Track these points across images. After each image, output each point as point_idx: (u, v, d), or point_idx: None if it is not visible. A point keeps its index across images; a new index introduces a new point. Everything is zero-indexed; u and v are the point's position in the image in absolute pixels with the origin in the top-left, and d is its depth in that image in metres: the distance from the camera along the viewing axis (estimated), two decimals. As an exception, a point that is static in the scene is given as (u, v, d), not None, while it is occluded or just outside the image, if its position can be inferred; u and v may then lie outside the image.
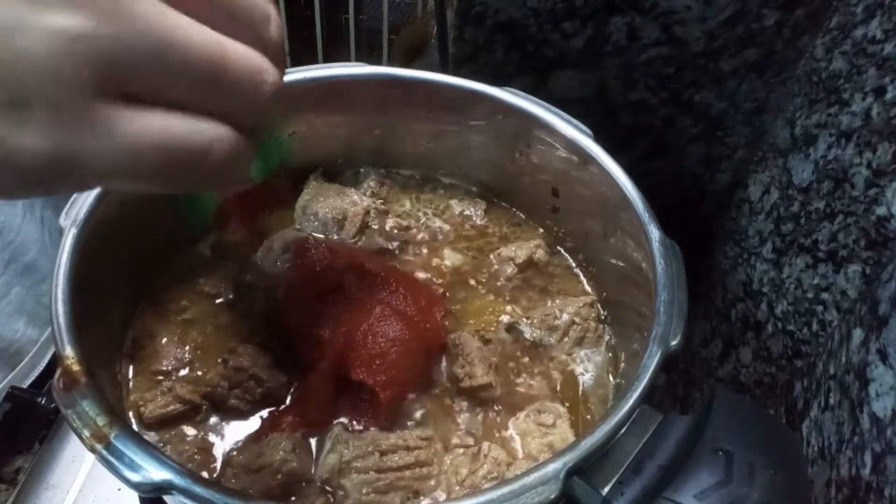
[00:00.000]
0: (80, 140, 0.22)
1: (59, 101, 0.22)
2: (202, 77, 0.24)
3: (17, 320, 0.74)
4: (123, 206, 0.47)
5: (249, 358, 0.46)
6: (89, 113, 0.22)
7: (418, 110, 0.59)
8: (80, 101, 0.22)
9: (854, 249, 0.52)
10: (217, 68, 0.24)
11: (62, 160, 0.22)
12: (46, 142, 0.22)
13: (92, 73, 0.22)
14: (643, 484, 0.36)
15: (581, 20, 0.63)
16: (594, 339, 0.52)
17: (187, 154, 0.25)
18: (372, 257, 0.53)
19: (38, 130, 0.22)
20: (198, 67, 0.24)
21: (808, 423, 0.51)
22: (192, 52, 0.23)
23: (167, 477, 0.34)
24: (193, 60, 0.23)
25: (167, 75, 0.23)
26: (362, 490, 0.41)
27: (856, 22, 0.56)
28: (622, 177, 0.50)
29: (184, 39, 0.23)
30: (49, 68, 0.21)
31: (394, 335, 0.46)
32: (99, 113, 0.22)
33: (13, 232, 0.73)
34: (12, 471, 0.63)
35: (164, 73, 0.23)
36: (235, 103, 0.25)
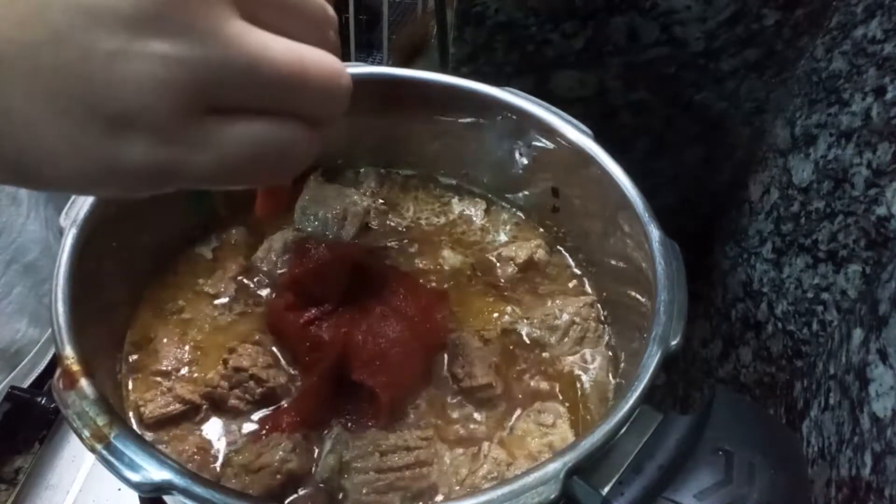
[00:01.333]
0: (177, 153, 0.24)
1: (159, 120, 0.23)
2: (286, 87, 0.26)
3: (19, 320, 0.74)
4: (123, 206, 0.47)
5: (249, 358, 0.46)
6: (186, 129, 0.24)
7: (418, 110, 0.59)
8: (177, 119, 0.24)
9: (854, 249, 0.52)
10: (299, 78, 0.26)
11: (161, 172, 0.24)
12: (147, 156, 0.24)
13: (189, 95, 0.23)
14: (643, 484, 0.36)
15: (581, 20, 0.63)
16: (594, 339, 0.52)
17: (270, 155, 0.27)
18: (372, 257, 0.53)
19: (139, 146, 0.23)
20: (282, 80, 0.25)
21: (808, 423, 0.51)
22: (276, 67, 0.25)
23: (167, 477, 0.34)
24: (278, 74, 0.25)
25: (255, 90, 0.25)
26: (362, 490, 0.41)
27: (856, 22, 0.56)
28: (622, 177, 0.50)
29: (270, 56, 0.25)
30: (150, 91, 0.23)
31: (394, 336, 0.46)
32: (194, 128, 0.24)
33: (15, 232, 0.73)
34: (12, 471, 0.63)
35: (252, 88, 0.25)
36: (315, 105, 0.27)
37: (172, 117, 0.23)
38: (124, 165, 0.24)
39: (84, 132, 0.23)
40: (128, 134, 0.23)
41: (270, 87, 0.25)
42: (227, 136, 0.25)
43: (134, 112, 0.23)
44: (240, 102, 0.25)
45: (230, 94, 0.25)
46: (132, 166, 0.24)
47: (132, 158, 0.24)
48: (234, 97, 0.25)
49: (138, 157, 0.24)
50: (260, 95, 0.25)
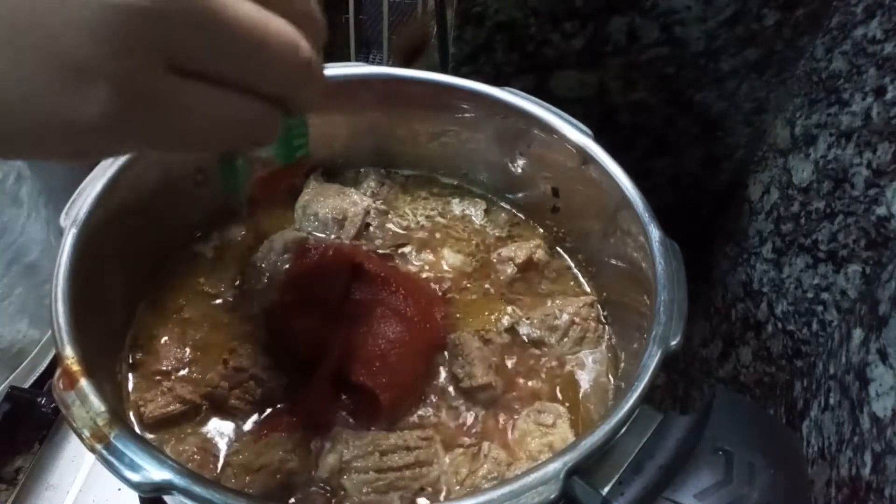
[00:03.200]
0: (138, 108, 0.23)
1: (117, 70, 0.22)
2: (246, 49, 0.25)
3: (20, 321, 0.74)
4: (123, 205, 0.47)
5: (249, 358, 0.46)
6: (146, 83, 0.23)
7: (418, 110, 0.59)
8: (137, 69, 0.23)
9: (854, 249, 0.52)
10: (260, 41, 0.25)
11: (120, 127, 0.23)
12: (106, 108, 0.23)
13: (147, 44, 0.23)
14: (643, 484, 0.36)
15: (581, 20, 0.63)
16: (594, 339, 0.52)
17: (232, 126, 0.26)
18: (372, 257, 0.53)
19: (98, 97, 0.22)
20: (243, 39, 0.25)
21: (808, 423, 0.51)
22: (238, 24, 0.24)
23: (167, 477, 0.34)
24: (239, 32, 0.25)
25: (215, 46, 0.24)
26: (362, 490, 0.41)
27: (856, 22, 0.56)
28: (622, 177, 0.50)
29: (231, 12, 0.24)
30: (106, 39, 0.22)
31: (394, 336, 0.46)
32: (155, 83, 0.23)
33: (16, 232, 0.73)
34: (12, 471, 0.63)
35: (212, 43, 0.24)
36: (275, 79, 0.27)
37: (131, 67, 0.23)
38: (84, 118, 0.23)
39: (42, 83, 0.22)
40: (87, 84, 0.22)
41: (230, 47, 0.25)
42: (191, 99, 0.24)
43: (92, 61, 0.22)
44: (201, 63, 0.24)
45: (190, 50, 0.24)
46: (92, 119, 0.23)
47: (91, 110, 0.23)
48: (195, 54, 0.24)
49: (98, 109, 0.23)
50: (221, 56, 0.25)
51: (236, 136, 0.27)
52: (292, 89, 0.28)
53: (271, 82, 0.27)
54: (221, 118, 0.26)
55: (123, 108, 0.23)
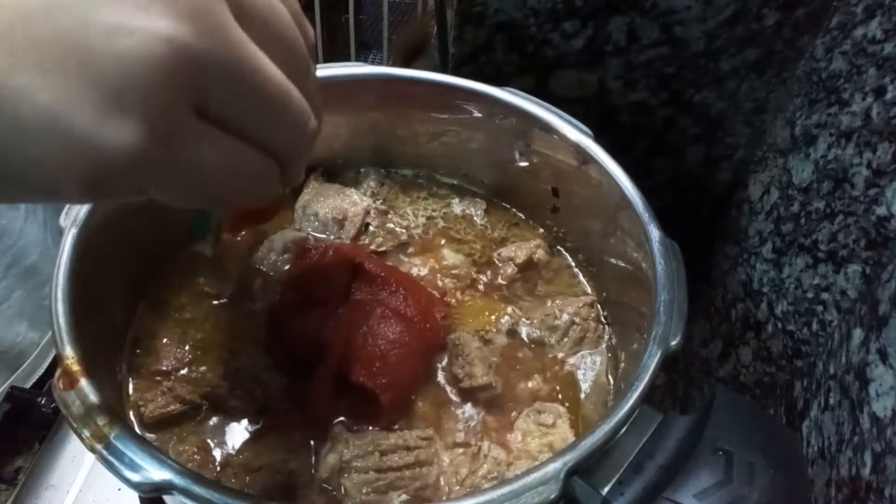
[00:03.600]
0: (165, 148, 0.23)
1: (152, 103, 0.22)
2: (271, 109, 0.26)
3: (19, 323, 0.74)
4: (123, 206, 0.47)
5: (250, 358, 0.47)
6: (175, 122, 0.23)
7: (418, 110, 0.59)
8: (170, 107, 0.23)
9: (854, 249, 0.52)
10: (284, 103, 0.26)
11: (143, 163, 0.23)
12: (132, 141, 0.22)
13: (186, 84, 0.23)
14: (643, 484, 0.36)
15: (581, 20, 0.63)
16: (594, 339, 0.52)
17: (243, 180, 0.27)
18: (372, 257, 0.53)
19: (129, 128, 0.22)
20: (269, 99, 0.26)
21: (808, 423, 0.51)
22: (268, 84, 0.25)
23: (167, 477, 0.34)
24: (269, 91, 0.25)
25: (245, 98, 0.25)
26: (362, 490, 0.41)
27: (856, 22, 0.56)
28: (622, 177, 0.50)
29: (264, 71, 0.25)
30: (150, 70, 0.22)
31: (394, 337, 0.46)
32: (189, 127, 0.24)
33: (15, 235, 0.73)
34: (12, 471, 0.63)
35: (243, 95, 0.25)
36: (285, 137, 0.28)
37: (166, 102, 0.23)
38: (110, 145, 0.22)
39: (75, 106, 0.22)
40: (121, 111, 0.22)
41: (259, 104, 0.25)
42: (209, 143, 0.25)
43: (129, 89, 0.22)
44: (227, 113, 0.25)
45: (221, 98, 0.24)
46: (117, 148, 0.22)
47: (119, 139, 0.22)
48: (224, 103, 0.25)
49: (126, 138, 0.22)
50: (247, 110, 0.25)
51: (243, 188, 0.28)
52: (295, 155, 0.29)
53: (282, 143, 0.28)
54: (233, 167, 0.26)
55: (150, 142, 0.23)
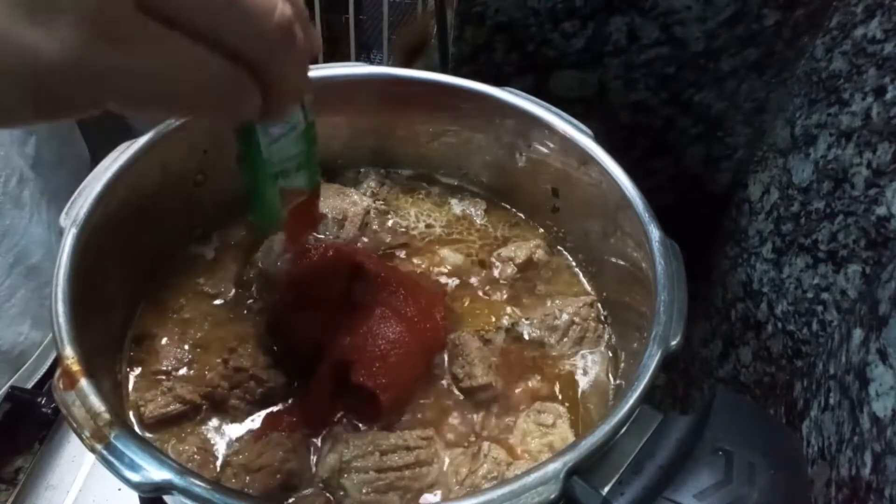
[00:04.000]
0: (107, 48, 0.22)
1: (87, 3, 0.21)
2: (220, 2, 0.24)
3: (22, 323, 0.74)
4: (123, 205, 0.47)
5: (249, 358, 0.46)
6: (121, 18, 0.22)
7: (418, 110, 0.59)
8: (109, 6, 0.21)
9: (854, 249, 0.52)
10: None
11: (87, 68, 0.22)
12: (72, 44, 0.21)
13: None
14: (643, 484, 0.36)
15: (581, 20, 0.63)
16: (594, 339, 0.52)
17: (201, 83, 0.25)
18: (372, 257, 0.53)
19: (64, 32, 0.21)
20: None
21: (808, 423, 0.51)
22: None
23: (167, 477, 0.34)
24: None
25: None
26: (362, 490, 0.41)
27: (856, 22, 0.56)
28: (622, 177, 0.50)
29: None
30: None
31: (394, 337, 0.46)
32: (131, 20, 0.22)
33: (18, 235, 0.73)
34: (12, 471, 0.63)
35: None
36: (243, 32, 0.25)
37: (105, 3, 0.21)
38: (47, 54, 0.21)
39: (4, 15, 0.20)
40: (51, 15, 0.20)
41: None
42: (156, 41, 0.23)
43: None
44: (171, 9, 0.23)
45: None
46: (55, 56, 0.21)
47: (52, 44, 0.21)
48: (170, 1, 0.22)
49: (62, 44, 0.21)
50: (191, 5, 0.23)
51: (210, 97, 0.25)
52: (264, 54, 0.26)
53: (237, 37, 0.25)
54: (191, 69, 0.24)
55: (89, 44, 0.21)
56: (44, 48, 0.21)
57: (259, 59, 0.26)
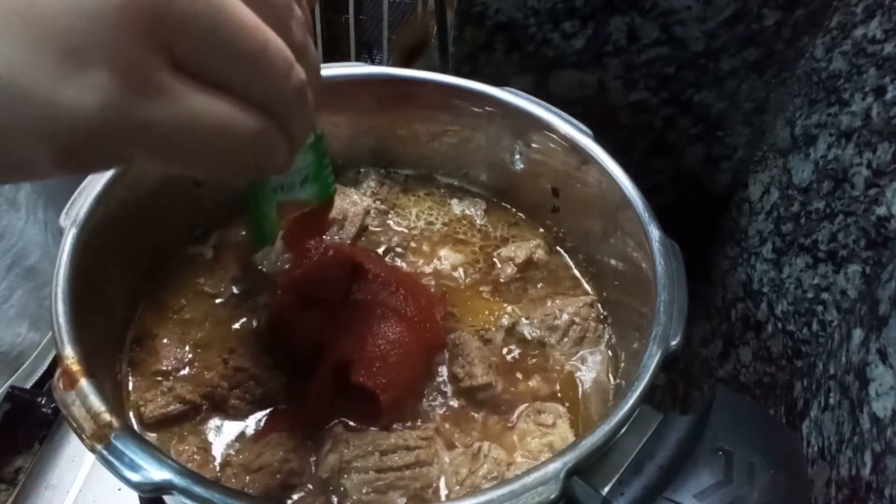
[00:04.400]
0: (138, 103, 0.22)
1: (122, 57, 0.21)
2: (248, 55, 0.24)
3: (20, 324, 0.74)
4: (123, 206, 0.47)
5: (250, 358, 0.46)
6: (153, 76, 0.22)
7: (418, 110, 0.59)
8: (143, 61, 0.21)
9: (854, 249, 0.52)
10: (260, 47, 0.24)
11: (115, 123, 0.21)
12: (101, 96, 0.21)
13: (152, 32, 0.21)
14: (643, 484, 0.36)
15: (581, 20, 0.63)
16: (594, 339, 0.52)
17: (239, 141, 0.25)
18: (372, 258, 0.53)
19: (99, 85, 0.21)
20: (245, 44, 0.24)
21: (808, 423, 0.51)
22: (241, 28, 0.23)
23: (167, 477, 0.34)
24: (242, 37, 0.23)
25: (217, 47, 0.23)
26: (362, 490, 0.41)
27: (856, 22, 0.56)
28: (622, 177, 0.50)
29: (235, 14, 0.23)
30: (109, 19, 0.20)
31: (394, 337, 0.46)
32: (163, 78, 0.22)
33: (15, 236, 0.73)
34: (12, 471, 0.63)
35: (214, 43, 0.23)
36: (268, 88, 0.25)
37: (135, 55, 0.21)
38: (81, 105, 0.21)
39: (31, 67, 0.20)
40: (88, 69, 0.20)
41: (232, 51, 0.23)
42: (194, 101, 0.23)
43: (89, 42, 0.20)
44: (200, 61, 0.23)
45: (192, 48, 0.22)
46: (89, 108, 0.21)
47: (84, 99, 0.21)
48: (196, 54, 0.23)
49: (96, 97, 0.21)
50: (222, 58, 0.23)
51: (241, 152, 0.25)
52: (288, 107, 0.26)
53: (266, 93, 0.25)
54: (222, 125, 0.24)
55: (119, 96, 0.21)
56: (73, 104, 0.21)
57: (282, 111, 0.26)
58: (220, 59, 0.23)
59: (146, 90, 0.22)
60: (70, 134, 0.21)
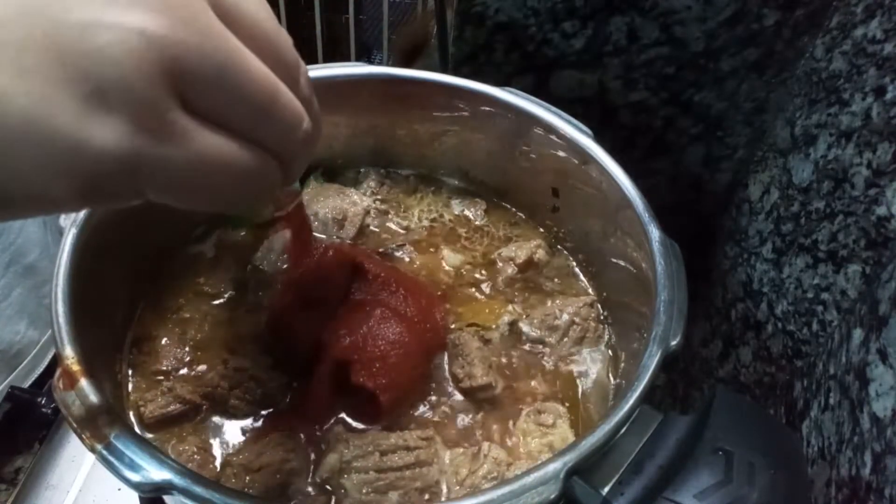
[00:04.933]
0: (154, 144, 0.23)
1: (136, 97, 0.22)
2: (258, 105, 0.25)
3: (19, 322, 0.74)
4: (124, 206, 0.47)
5: (249, 358, 0.46)
6: (161, 114, 0.23)
7: (418, 110, 0.59)
8: (154, 100, 0.22)
9: (854, 249, 0.52)
10: (271, 99, 0.26)
11: (132, 162, 0.23)
12: (120, 139, 0.22)
13: (164, 77, 0.22)
14: (643, 484, 0.36)
15: (581, 20, 0.63)
16: (594, 339, 0.52)
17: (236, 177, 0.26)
18: (372, 258, 0.53)
19: (113, 125, 0.22)
20: (255, 94, 0.25)
21: (808, 423, 0.51)
22: (252, 76, 0.25)
23: (167, 477, 0.34)
24: (252, 87, 0.25)
25: (229, 94, 0.24)
26: (362, 490, 0.41)
27: (856, 22, 0.56)
28: (622, 177, 0.50)
29: (246, 62, 0.24)
30: (128, 65, 0.22)
31: (394, 337, 0.46)
32: (177, 121, 0.23)
33: (14, 234, 0.73)
34: (12, 471, 0.63)
35: (226, 91, 0.24)
36: (277, 135, 0.27)
37: (151, 98, 0.22)
38: (94, 147, 0.22)
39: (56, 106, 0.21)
40: (103, 110, 0.22)
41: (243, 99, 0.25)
42: (207, 143, 0.24)
43: (110, 86, 0.22)
44: (214, 106, 0.24)
45: (205, 90, 0.24)
46: (102, 149, 0.22)
47: (104, 139, 0.22)
48: (209, 95, 0.24)
49: (110, 139, 0.22)
50: (234, 103, 0.25)
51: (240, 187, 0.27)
52: (292, 153, 0.28)
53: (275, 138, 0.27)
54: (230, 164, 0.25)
55: (137, 138, 0.22)
56: (95, 144, 0.22)
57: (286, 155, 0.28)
58: (229, 105, 0.25)
59: (161, 133, 0.23)
60: (90, 172, 0.23)
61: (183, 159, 0.24)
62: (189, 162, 0.24)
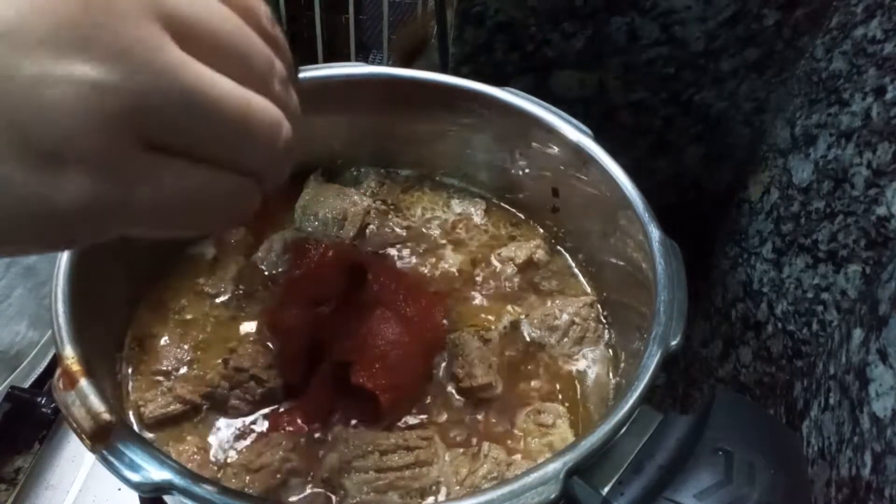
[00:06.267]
0: (116, 189, 0.22)
1: (95, 151, 0.21)
2: (229, 130, 0.24)
3: (19, 323, 0.74)
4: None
5: (250, 358, 0.46)
6: (124, 162, 0.22)
7: (418, 110, 0.59)
8: (114, 150, 0.22)
9: (854, 249, 0.52)
10: (242, 121, 0.25)
11: (100, 211, 0.22)
12: (84, 192, 0.22)
13: (123, 125, 0.22)
14: (643, 484, 0.36)
15: (581, 20, 0.63)
16: (594, 339, 0.52)
17: (212, 204, 0.25)
18: (371, 258, 0.53)
19: (76, 181, 0.22)
20: (224, 120, 0.24)
21: (808, 423, 0.51)
22: (217, 105, 0.24)
23: (167, 477, 0.34)
24: (219, 113, 0.24)
25: (194, 127, 0.23)
26: (362, 489, 0.41)
27: (856, 22, 0.56)
28: (622, 177, 0.50)
29: (209, 92, 0.23)
30: (82, 119, 0.21)
31: (393, 338, 0.45)
32: (132, 162, 0.23)
33: None
34: (12, 471, 0.63)
35: (191, 124, 0.23)
36: (255, 154, 0.26)
37: (109, 148, 0.22)
38: (61, 205, 0.22)
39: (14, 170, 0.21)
40: (63, 168, 0.21)
41: (211, 127, 0.24)
42: (170, 175, 0.23)
43: (68, 143, 0.21)
44: (182, 141, 0.23)
45: (170, 131, 0.23)
46: (69, 205, 0.22)
47: (69, 196, 0.21)
48: (175, 135, 0.23)
49: (75, 194, 0.22)
50: (200, 136, 0.24)
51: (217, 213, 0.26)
52: (271, 167, 0.27)
53: (251, 160, 0.26)
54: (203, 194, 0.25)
55: (100, 190, 0.22)
56: (59, 200, 0.22)
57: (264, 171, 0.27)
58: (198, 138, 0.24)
59: (126, 179, 0.22)
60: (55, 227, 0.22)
61: (152, 201, 0.23)
62: (158, 199, 0.23)
